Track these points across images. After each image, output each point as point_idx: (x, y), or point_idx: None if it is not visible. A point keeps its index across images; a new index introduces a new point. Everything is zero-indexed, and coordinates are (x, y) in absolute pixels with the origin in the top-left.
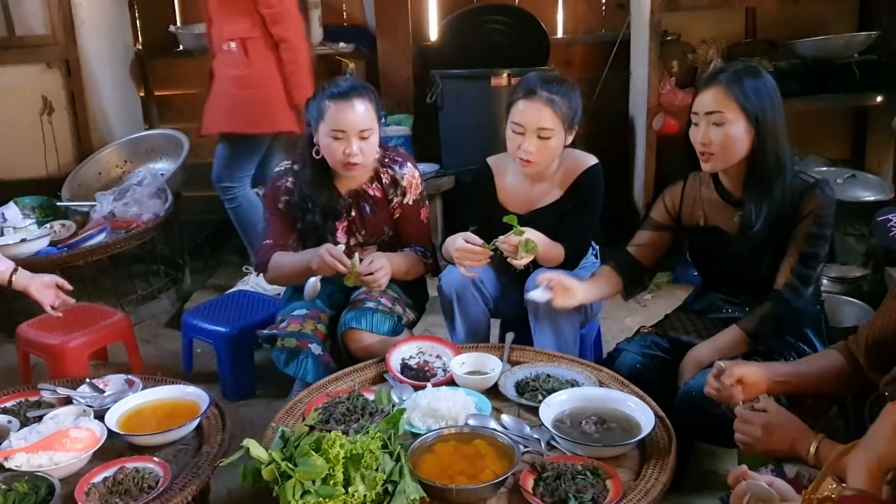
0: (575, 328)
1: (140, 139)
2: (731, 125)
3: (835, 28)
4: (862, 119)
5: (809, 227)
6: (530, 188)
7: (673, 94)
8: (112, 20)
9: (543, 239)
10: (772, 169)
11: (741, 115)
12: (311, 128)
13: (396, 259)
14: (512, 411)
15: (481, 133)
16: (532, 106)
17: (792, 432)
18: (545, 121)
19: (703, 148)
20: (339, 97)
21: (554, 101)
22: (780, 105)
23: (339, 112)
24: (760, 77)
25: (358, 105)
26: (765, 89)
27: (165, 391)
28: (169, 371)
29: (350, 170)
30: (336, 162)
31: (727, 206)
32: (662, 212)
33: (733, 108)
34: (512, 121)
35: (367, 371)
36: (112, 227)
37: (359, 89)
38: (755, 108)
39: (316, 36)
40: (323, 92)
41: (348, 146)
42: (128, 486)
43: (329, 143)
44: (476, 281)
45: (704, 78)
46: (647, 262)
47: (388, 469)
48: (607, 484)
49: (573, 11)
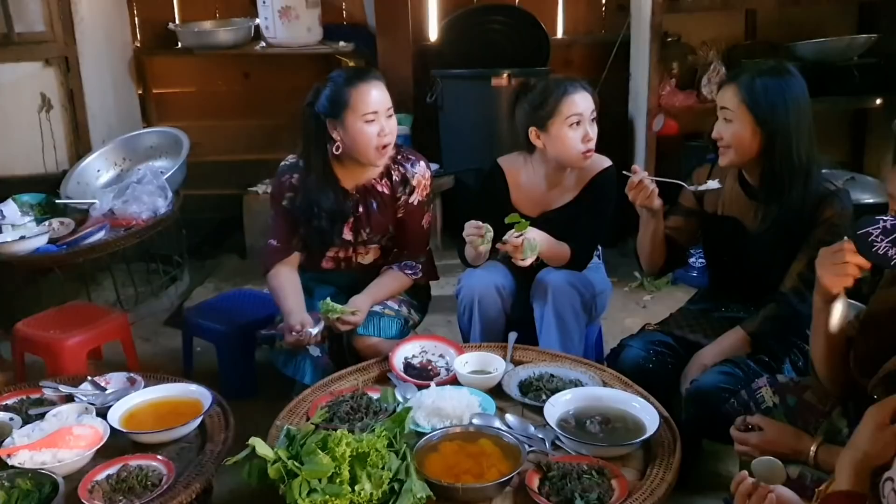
0: (581, 328)
1: (139, 137)
2: (738, 123)
3: (834, 30)
4: (861, 121)
5: (823, 234)
6: (546, 189)
7: (673, 95)
8: (111, 18)
9: (547, 238)
10: (784, 171)
11: (747, 114)
12: (329, 124)
13: (379, 295)
14: (516, 411)
15: (481, 133)
16: (580, 94)
17: (789, 442)
18: (593, 104)
19: (718, 143)
20: (359, 80)
21: (588, 88)
22: (800, 107)
23: (366, 94)
24: (782, 77)
25: (377, 83)
26: (779, 90)
27: (168, 389)
28: (169, 369)
29: (383, 154)
30: (371, 148)
31: (747, 199)
32: (689, 195)
33: (740, 107)
34: (568, 115)
35: (370, 370)
36: (111, 225)
37: (369, 70)
38: (763, 109)
39: (316, 35)
40: (334, 83)
41: (381, 126)
42: (131, 484)
43: (362, 128)
44: (497, 285)
45: (730, 73)
46: (683, 243)
47: (394, 468)
48: (613, 483)
49: (573, 12)
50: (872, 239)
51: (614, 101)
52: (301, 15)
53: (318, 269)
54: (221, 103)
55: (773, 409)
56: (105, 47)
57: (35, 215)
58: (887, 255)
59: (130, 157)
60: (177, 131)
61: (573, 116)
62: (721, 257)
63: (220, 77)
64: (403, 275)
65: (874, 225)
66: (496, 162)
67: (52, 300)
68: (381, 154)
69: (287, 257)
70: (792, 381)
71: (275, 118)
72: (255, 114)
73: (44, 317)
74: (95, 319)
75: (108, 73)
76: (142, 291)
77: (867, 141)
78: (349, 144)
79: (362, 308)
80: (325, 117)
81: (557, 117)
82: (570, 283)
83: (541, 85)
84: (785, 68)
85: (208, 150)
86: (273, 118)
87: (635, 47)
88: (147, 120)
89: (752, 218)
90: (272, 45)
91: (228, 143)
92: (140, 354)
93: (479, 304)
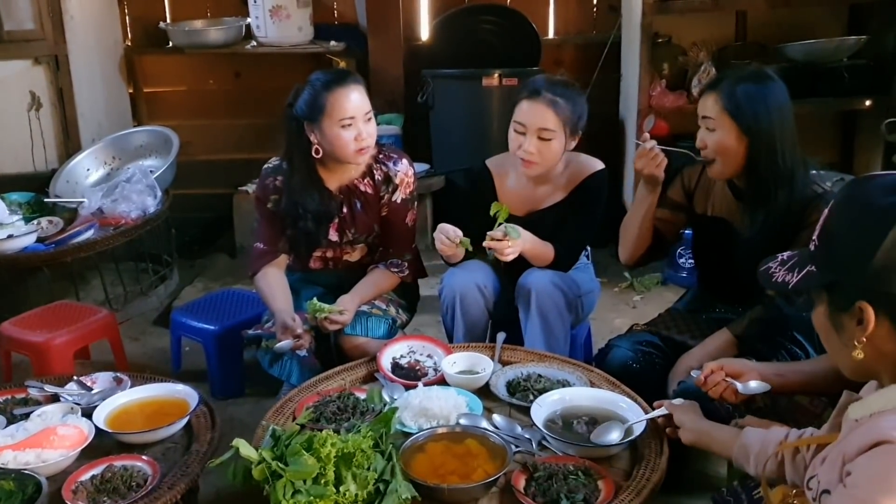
0: (565, 327)
1: (129, 136)
2: (721, 131)
3: (824, 32)
4: (850, 123)
5: (810, 237)
6: (533, 190)
7: (663, 96)
8: (101, 16)
9: (531, 236)
10: (769, 176)
11: (731, 122)
12: (307, 127)
13: (366, 294)
14: (503, 411)
15: (472, 133)
16: (535, 106)
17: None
18: (547, 122)
19: (702, 151)
20: (337, 84)
21: (557, 103)
22: (783, 112)
23: (343, 99)
24: (762, 83)
25: (355, 88)
26: (761, 96)
27: (154, 389)
28: (157, 369)
29: (362, 155)
30: (349, 152)
31: (736, 201)
32: (679, 190)
33: (722, 115)
34: (514, 120)
35: (357, 370)
36: (100, 224)
37: (348, 74)
38: (746, 116)
39: (307, 34)
40: (312, 86)
41: (358, 131)
42: (116, 485)
43: (338, 133)
44: (479, 284)
45: (707, 82)
46: (668, 235)
47: (379, 468)
48: (599, 484)
49: (564, 12)
50: (772, 272)
51: (605, 102)
52: (292, 14)
53: (305, 269)
54: (212, 102)
55: (764, 410)
56: (95, 46)
57: (24, 214)
58: (785, 281)
59: (120, 156)
60: (167, 130)
61: (517, 125)
62: (710, 258)
63: (210, 76)
64: (390, 273)
65: (774, 261)
66: (484, 164)
67: (41, 299)
68: (359, 156)
69: (274, 259)
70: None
71: (265, 118)
72: (246, 113)
73: (30, 316)
74: (82, 319)
75: (98, 71)
76: (131, 291)
77: (857, 142)
78: (327, 148)
79: (350, 307)
80: (303, 120)
81: (512, 119)
82: (554, 284)
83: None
84: (765, 73)
85: (198, 149)
86: (264, 118)
87: (626, 48)
88: (137, 119)
89: (741, 220)
90: (263, 44)
91: (218, 142)
92: (128, 354)
93: (460, 303)
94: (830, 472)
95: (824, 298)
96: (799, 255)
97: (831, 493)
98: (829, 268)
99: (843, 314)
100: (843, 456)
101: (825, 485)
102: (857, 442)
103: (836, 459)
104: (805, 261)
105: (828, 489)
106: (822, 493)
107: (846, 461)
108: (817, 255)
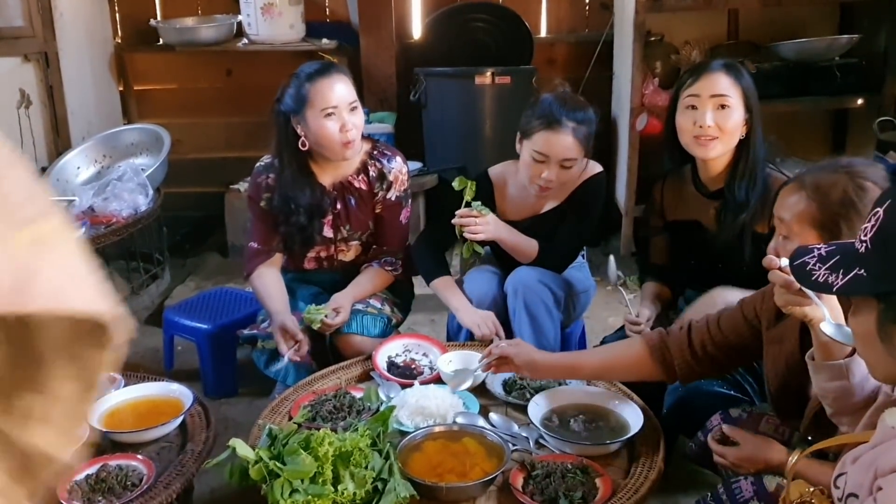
0: (555, 325)
1: (119, 134)
2: (734, 110)
3: (816, 31)
4: (842, 121)
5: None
6: (532, 196)
7: (656, 94)
8: (91, 13)
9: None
10: (759, 158)
11: (742, 101)
12: (293, 120)
13: (361, 292)
14: (500, 409)
15: (465, 131)
16: (557, 137)
17: (767, 454)
18: (570, 151)
19: (705, 132)
20: (319, 75)
21: (578, 129)
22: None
23: (325, 88)
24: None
25: (339, 78)
26: (752, 81)
27: (148, 388)
28: (149, 368)
29: (349, 148)
30: (334, 144)
31: (704, 200)
32: (657, 217)
33: (737, 94)
34: (534, 149)
35: (353, 369)
36: (91, 223)
37: (332, 65)
38: (751, 97)
39: (298, 32)
40: (297, 79)
41: (343, 121)
42: (111, 484)
43: (322, 124)
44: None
45: (701, 65)
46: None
47: (377, 467)
48: (597, 482)
49: (557, 11)
50: (810, 268)
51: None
52: (284, 12)
53: (300, 269)
54: (203, 100)
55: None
56: (85, 43)
57: None
58: (828, 283)
59: (111, 154)
60: (158, 128)
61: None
62: (688, 259)
63: (201, 74)
64: (384, 271)
65: (809, 255)
66: (486, 173)
67: None
68: (346, 149)
69: (269, 259)
70: (744, 411)
71: (257, 116)
72: (237, 111)
73: None
74: None
75: (88, 69)
76: (122, 290)
77: (848, 141)
78: (313, 140)
79: (344, 305)
80: (290, 114)
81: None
82: (540, 281)
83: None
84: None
85: (190, 147)
86: (255, 115)
87: (618, 46)
88: (128, 117)
89: (712, 216)
90: (254, 42)
91: (210, 140)
92: None
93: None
94: (860, 475)
95: (874, 306)
96: (842, 254)
97: (858, 500)
98: (887, 277)
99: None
100: (876, 468)
101: (852, 487)
102: (892, 457)
103: (867, 465)
104: (851, 262)
105: (855, 493)
106: (848, 496)
107: (878, 475)
108: (870, 260)
